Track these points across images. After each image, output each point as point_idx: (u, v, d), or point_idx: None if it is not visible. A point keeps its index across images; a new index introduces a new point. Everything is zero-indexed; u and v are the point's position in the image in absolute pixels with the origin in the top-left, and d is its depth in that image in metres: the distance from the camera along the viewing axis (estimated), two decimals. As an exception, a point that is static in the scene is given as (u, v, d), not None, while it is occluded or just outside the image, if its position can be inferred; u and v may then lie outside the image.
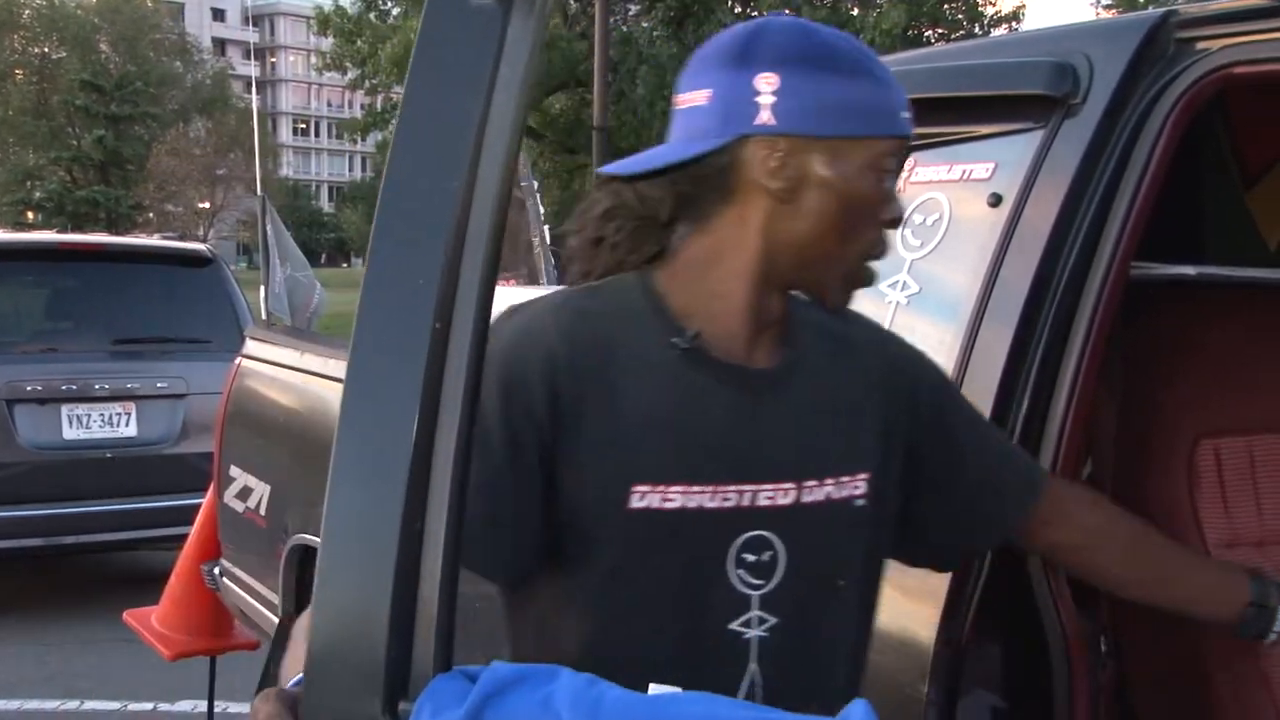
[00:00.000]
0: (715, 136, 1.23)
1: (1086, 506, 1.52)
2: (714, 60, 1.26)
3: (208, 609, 3.73)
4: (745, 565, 1.24)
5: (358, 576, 1.04)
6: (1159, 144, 1.71)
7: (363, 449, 1.05)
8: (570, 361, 1.24)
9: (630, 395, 1.24)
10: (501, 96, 1.03)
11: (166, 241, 7.79)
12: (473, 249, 1.02)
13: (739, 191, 1.25)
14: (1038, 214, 1.78)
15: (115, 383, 5.90)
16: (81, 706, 4.77)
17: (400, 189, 1.06)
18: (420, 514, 1.01)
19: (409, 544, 1.01)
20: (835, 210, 1.24)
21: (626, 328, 1.27)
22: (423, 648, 1.01)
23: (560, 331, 1.25)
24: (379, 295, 1.05)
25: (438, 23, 1.06)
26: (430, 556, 1.01)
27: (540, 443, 1.22)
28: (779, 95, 1.22)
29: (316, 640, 1.05)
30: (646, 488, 1.22)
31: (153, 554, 6.19)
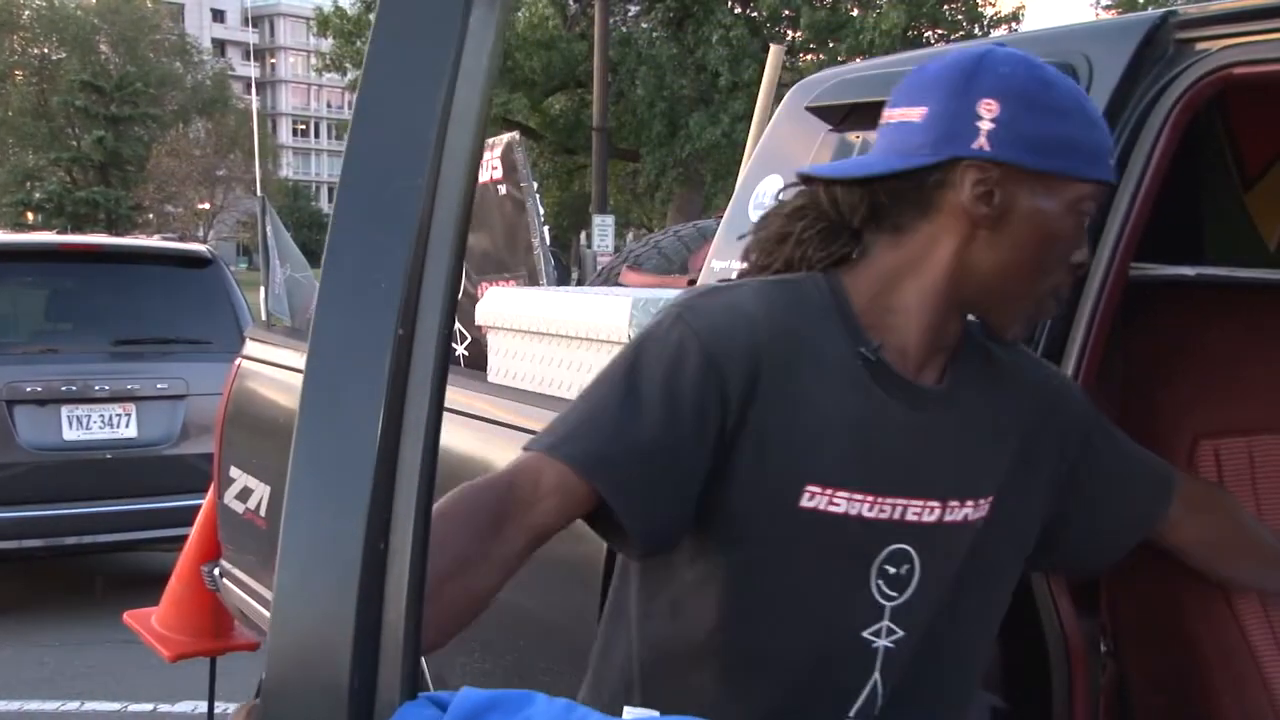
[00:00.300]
0: (929, 154, 1.24)
1: (1214, 503, 1.61)
2: (935, 80, 1.27)
3: (208, 610, 3.72)
4: (885, 576, 1.27)
5: (318, 599, 0.98)
6: (1158, 145, 1.71)
7: (321, 463, 0.99)
8: (772, 348, 1.25)
9: (816, 395, 1.26)
10: (465, 90, 0.99)
11: (166, 242, 7.77)
12: (437, 251, 0.98)
13: (941, 211, 1.26)
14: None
15: (115, 384, 5.90)
16: (82, 707, 4.76)
17: (358, 189, 1.01)
18: (384, 532, 0.96)
19: (372, 564, 0.96)
20: (1034, 245, 1.25)
21: (816, 326, 1.28)
22: (388, 674, 0.96)
23: (766, 317, 1.27)
24: (338, 300, 1.00)
25: (395, 12, 1.02)
26: (395, 577, 0.96)
27: (725, 421, 1.23)
28: (998, 123, 1.22)
29: (273, 667, 0.99)
30: (818, 489, 1.24)
31: (153, 555, 6.19)
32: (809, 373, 1.26)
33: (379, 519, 0.96)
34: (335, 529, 0.97)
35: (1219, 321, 1.97)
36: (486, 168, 3.45)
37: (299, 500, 0.99)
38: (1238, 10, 1.72)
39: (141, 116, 43.11)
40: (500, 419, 2.53)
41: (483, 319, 2.82)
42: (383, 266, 0.98)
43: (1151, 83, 1.74)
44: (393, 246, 0.98)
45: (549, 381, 2.51)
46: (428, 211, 0.98)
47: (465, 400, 2.66)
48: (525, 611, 2.32)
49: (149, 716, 4.67)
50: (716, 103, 20.09)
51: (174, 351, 6.18)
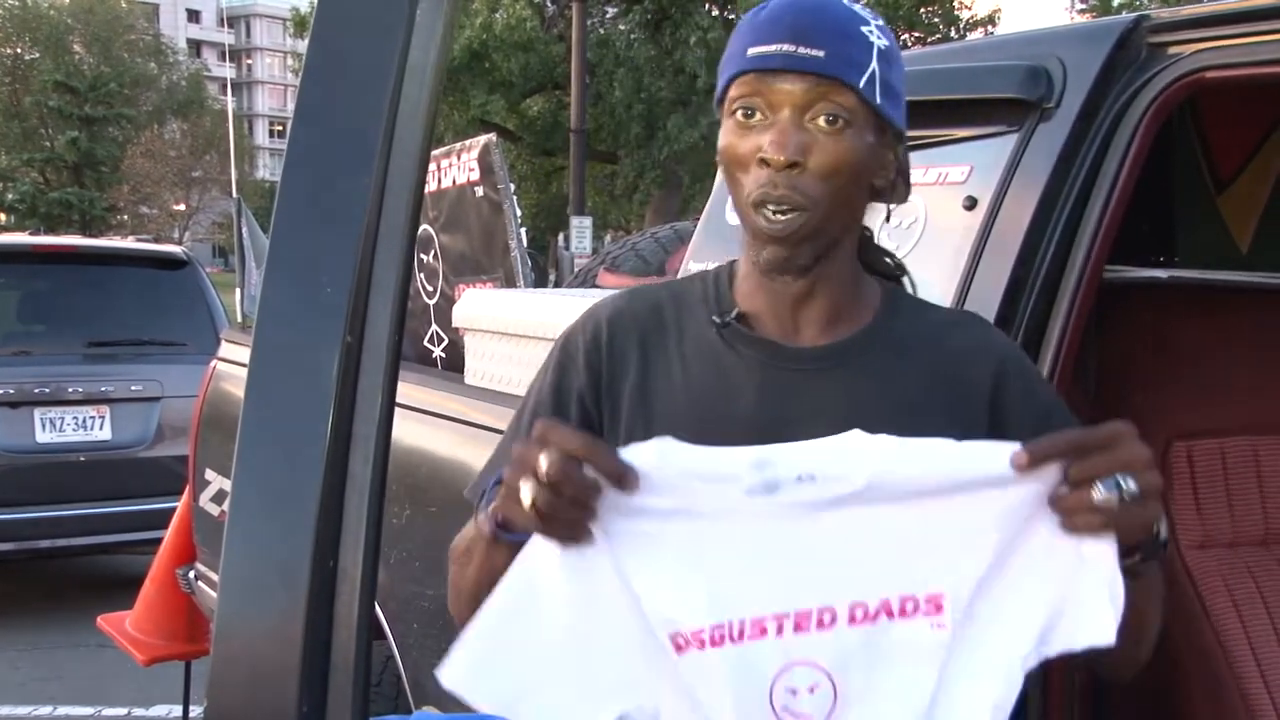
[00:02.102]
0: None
1: None
2: None
3: (183, 613, 3.70)
4: None
5: (263, 620, 0.94)
6: (1132, 147, 1.72)
7: (266, 478, 0.95)
8: (610, 341, 1.29)
9: (664, 373, 1.27)
10: (412, 86, 0.96)
11: (141, 244, 7.73)
12: (386, 253, 0.95)
13: None
14: (1012, 217, 1.79)
15: (89, 385, 5.86)
16: (55, 712, 4.73)
17: (300, 191, 0.97)
18: (333, 550, 0.92)
19: (321, 583, 0.92)
20: (723, 165, 1.27)
21: (682, 311, 1.31)
22: (338, 700, 0.93)
23: (611, 311, 1.31)
24: (281, 307, 0.96)
25: (335, 8, 0.98)
26: (345, 597, 0.93)
27: (583, 416, 1.28)
28: None
29: (215, 692, 0.95)
30: None
31: (127, 558, 6.15)
32: (661, 355, 1.29)
33: (327, 536, 0.92)
34: (281, 547, 0.93)
35: (1192, 323, 1.98)
36: (463, 169, 3.44)
37: (241, 517, 0.95)
38: (1209, 15, 1.74)
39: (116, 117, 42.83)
40: (477, 421, 2.52)
41: (459, 321, 2.81)
42: (328, 271, 0.94)
43: (1125, 86, 1.76)
44: (339, 250, 0.94)
45: (525, 383, 2.50)
46: (375, 213, 0.94)
47: (442, 402, 2.66)
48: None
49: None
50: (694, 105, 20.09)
51: (149, 353, 6.14)
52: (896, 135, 1.28)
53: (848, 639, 1.11)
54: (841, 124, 1.21)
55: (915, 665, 1.11)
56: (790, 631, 1.11)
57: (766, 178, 1.21)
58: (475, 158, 3.38)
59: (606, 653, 1.11)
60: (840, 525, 1.10)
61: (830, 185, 1.22)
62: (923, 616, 1.10)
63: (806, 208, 1.21)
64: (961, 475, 1.09)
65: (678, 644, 1.11)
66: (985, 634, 1.11)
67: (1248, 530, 1.92)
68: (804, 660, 1.11)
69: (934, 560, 1.10)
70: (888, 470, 1.09)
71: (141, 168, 40.99)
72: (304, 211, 0.98)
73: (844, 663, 1.11)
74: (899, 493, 1.09)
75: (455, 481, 2.59)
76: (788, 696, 1.11)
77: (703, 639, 1.10)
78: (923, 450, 1.10)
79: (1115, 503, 1.05)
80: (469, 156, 3.41)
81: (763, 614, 1.11)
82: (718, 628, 1.11)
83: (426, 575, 2.57)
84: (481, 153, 3.36)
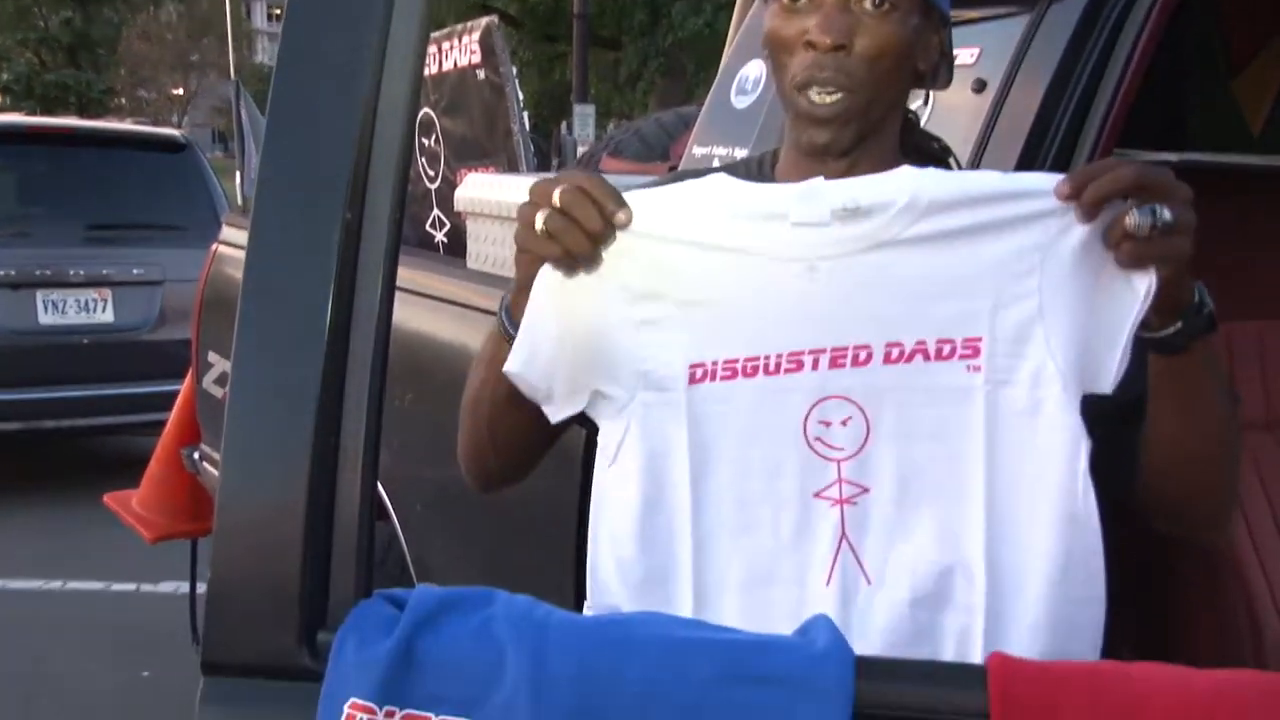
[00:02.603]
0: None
1: None
2: None
3: (188, 492, 3.74)
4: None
5: (267, 497, 0.94)
6: (1145, 29, 1.69)
7: (267, 357, 0.94)
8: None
9: None
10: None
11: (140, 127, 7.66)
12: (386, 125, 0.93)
13: None
14: (1022, 100, 1.76)
15: (90, 268, 5.85)
16: (65, 586, 4.81)
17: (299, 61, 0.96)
18: (335, 427, 0.92)
19: (323, 460, 0.92)
20: (771, 54, 1.28)
21: None
22: (341, 572, 0.93)
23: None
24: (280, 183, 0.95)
25: None
26: (347, 473, 0.93)
27: None
28: None
29: (219, 568, 0.96)
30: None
31: (131, 439, 6.20)
32: None
33: (329, 413, 0.92)
34: (283, 424, 0.93)
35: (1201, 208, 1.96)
36: (465, 52, 3.39)
37: (244, 395, 0.95)
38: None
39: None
40: (479, 305, 2.52)
41: (461, 205, 2.79)
42: (327, 147, 0.93)
43: (1141, -35, 1.72)
44: (338, 122, 0.93)
45: (528, 267, 2.49)
46: (375, 82, 0.93)
47: (445, 287, 2.65)
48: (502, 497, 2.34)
49: (132, 596, 4.72)
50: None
51: (149, 237, 6.12)
52: (942, 18, 1.28)
53: (883, 377, 1.13)
54: (888, 6, 1.22)
55: (949, 405, 1.12)
56: (825, 366, 1.13)
57: (812, 60, 1.22)
58: (477, 40, 3.32)
59: (597, 354, 1.16)
60: (881, 267, 1.12)
61: (876, 68, 1.22)
62: (959, 359, 1.12)
63: (852, 89, 1.22)
64: (1004, 205, 1.10)
65: (693, 375, 1.14)
66: (1034, 383, 1.11)
67: (1250, 413, 1.93)
68: (838, 394, 1.13)
69: (973, 305, 1.11)
70: (929, 193, 1.11)
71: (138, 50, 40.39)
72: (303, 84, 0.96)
73: (878, 399, 1.13)
74: (941, 229, 1.11)
75: (458, 365, 2.59)
76: (820, 428, 1.14)
77: (735, 368, 1.14)
78: (966, 176, 1.14)
79: (1147, 228, 1.05)
80: (470, 39, 3.35)
81: (800, 349, 1.13)
82: (752, 359, 1.14)
83: (430, 458, 2.59)
84: (483, 35, 3.30)
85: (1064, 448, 1.12)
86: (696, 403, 1.15)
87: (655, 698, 0.89)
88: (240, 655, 0.95)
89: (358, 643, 0.91)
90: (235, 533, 0.96)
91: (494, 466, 1.36)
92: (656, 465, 1.16)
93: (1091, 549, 1.13)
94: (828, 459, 1.14)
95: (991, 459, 1.12)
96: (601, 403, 1.18)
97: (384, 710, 0.90)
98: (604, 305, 1.15)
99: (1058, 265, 1.10)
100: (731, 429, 1.14)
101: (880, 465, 1.13)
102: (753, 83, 2.41)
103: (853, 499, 1.14)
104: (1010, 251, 1.10)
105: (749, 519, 1.15)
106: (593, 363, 1.16)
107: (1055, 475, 1.12)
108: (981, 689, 0.87)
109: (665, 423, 1.15)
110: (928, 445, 1.13)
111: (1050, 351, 1.11)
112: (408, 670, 0.90)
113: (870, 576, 1.13)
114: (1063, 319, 1.11)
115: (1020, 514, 1.12)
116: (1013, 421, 1.12)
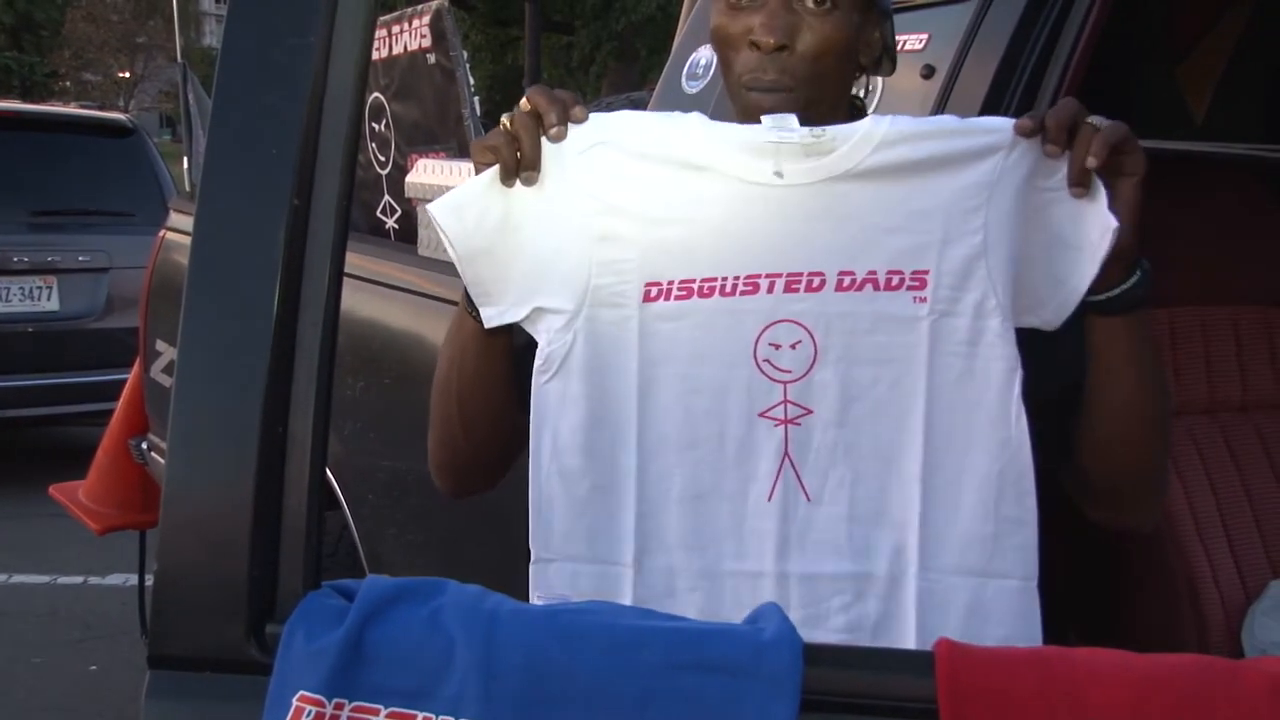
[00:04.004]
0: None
1: None
2: None
3: (135, 483, 3.70)
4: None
5: (213, 486, 0.94)
6: (1090, 14, 1.70)
7: (213, 344, 0.94)
8: None
9: None
10: None
11: (85, 110, 7.54)
12: (333, 114, 0.93)
13: None
14: (970, 85, 1.77)
15: (35, 255, 5.76)
16: (10, 580, 4.75)
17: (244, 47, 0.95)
18: (283, 415, 0.92)
19: (271, 450, 0.91)
20: (716, 49, 1.30)
21: None
22: (290, 564, 0.93)
23: None
24: (226, 169, 0.94)
25: None
26: (295, 463, 0.92)
27: None
28: None
29: (165, 560, 0.95)
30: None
31: (79, 429, 6.12)
32: None
33: (276, 401, 0.92)
34: (230, 412, 0.92)
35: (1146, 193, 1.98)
36: (415, 36, 3.36)
37: (190, 383, 0.94)
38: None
39: (54, -21, 41.42)
40: (431, 292, 2.50)
41: (412, 191, 2.77)
42: (274, 132, 0.92)
43: (1087, -50, 1.73)
44: (284, 110, 0.92)
45: (479, 253, 2.48)
46: (322, 71, 0.92)
47: (396, 274, 2.63)
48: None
49: (79, 588, 4.66)
50: (652, -25, 19.70)
51: (95, 223, 6.04)
52: (883, 12, 1.31)
53: (833, 303, 1.17)
54: (829, 5, 1.24)
55: (894, 334, 1.17)
56: (780, 290, 1.17)
57: (756, 61, 1.25)
58: (427, 24, 3.30)
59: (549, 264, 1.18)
60: (839, 197, 1.16)
61: (818, 66, 1.25)
62: (906, 290, 1.17)
63: (794, 88, 1.24)
64: (958, 140, 1.16)
65: (648, 293, 1.18)
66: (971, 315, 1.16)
67: (1193, 399, 1.95)
68: (789, 318, 1.17)
69: (923, 239, 1.16)
70: (887, 128, 1.15)
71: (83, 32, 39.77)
72: (249, 71, 0.95)
73: (827, 324, 1.17)
74: (897, 160, 1.15)
75: (409, 353, 2.58)
76: (770, 350, 1.18)
77: (691, 288, 1.18)
78: (924, 119, 1.19)
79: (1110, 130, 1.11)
80: (420, 23, 3.32)
81: (757, 273, 1.17)
82: (709, 280, 1.18)
83: (381, 446, 2.57)
84: (433, 18, 3.28)
85: (1001, 376, 1.17)
86: (649, 320, 1.18)
87: (604, 687, 0.89)
88: (187, 648, 0.94)
89: (306, 635, 0.90)
90: (182, 524, 0.95)
91: (466, 458, 1.35)
92: (604, 379, 1.19)
93: (1023, 470, 1.18)
94: (775, 380, 1.18)
95: (932, 384, 1.17)
96: (546, 317, 1.20)
97: (333, 702, 0.89)
98: (567, 211, 1.17)
99: (1003, 202, 1.15)
100: (682, 346, 1.18)
101: (825, 388, 1.18)
102: (703, 68, 2.41)
103: (796, 419, 1.18)
104: (960, 188, 1.15)
105: (695, 434, 1.19)
106: (542, 271, 1.18)
107: (992, 400, 1.17)
108: (929, 675, 0.88)
109: (615, 337, 1.19)
110: (871, 369, 1.18)
111: (992, 284, 1.16)
112: (356, 662, 0.90)
113: (810, 494, 1.18)
114: (1005, 254, 1.15)
115: (956, 437, 1.17)
116: (953, 349, 1.17)
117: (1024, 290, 1.17)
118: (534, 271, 1.18)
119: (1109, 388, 1.21)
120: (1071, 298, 1.16)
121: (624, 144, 1.17)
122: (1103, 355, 1.20)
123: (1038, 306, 1.18)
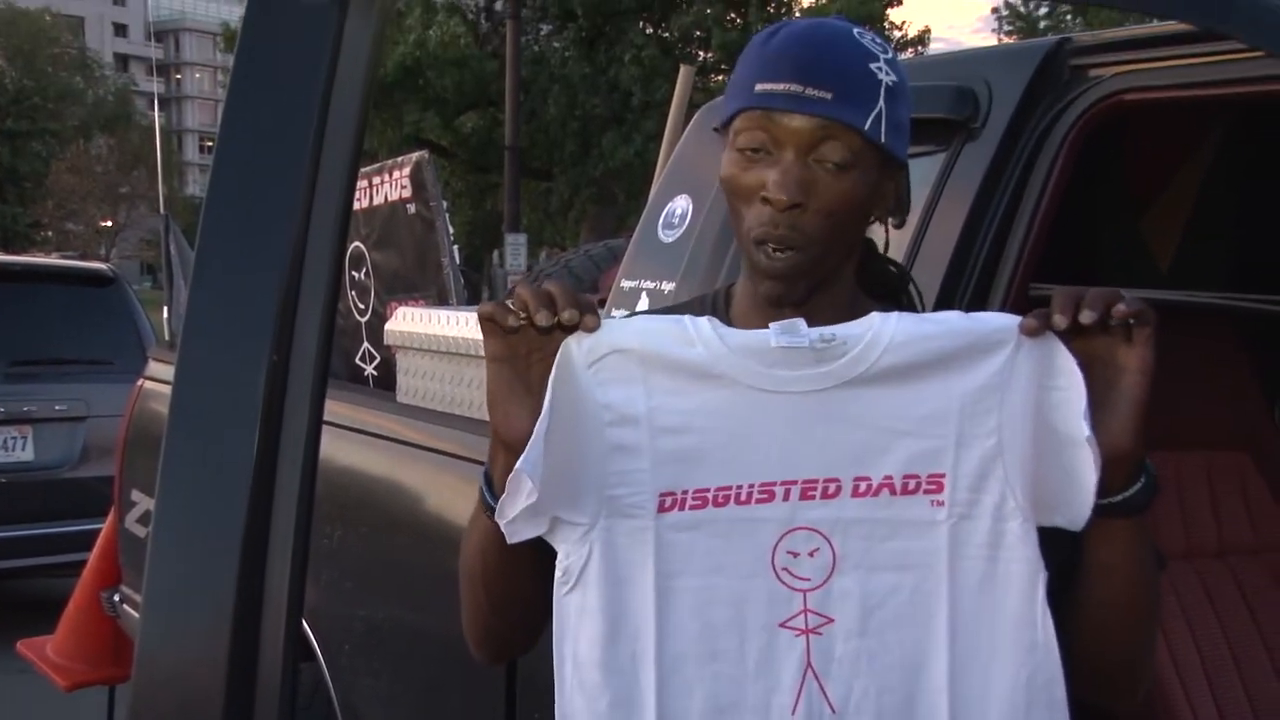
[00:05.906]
0: None
1: None
2: None
3: (107, 637, 3.63)
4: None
5: (188, 644, 0.93)
6: (1055, 167, 1.75)
7: (190, 499, 0.94)
8: None
9: None
10: (340, 101, 0.95)
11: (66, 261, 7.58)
12: (313, 271, 0.94)
13: None
14: (941, 235, 1.81)
15: (10, 405, 5.73)
16: (-26, 739, 4.62)
17: (227, 206, 0.96)
18: (259, 571, 0.92)
19: (247, 604, 0.91)
20: (725, 194, 1.27)
21: None
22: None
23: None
24: (206, 325, 0.95)
25: (263, 24, 0.97)
26: (271, 619, 0.92)
27: None
28: None
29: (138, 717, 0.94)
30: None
31: (49, 581, 6.01)
32: None
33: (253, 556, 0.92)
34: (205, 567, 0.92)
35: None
36: (396, 186, 3.43)
37: (166, 537, 0.94)
38: (1127, 39, 1.77)
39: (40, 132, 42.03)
40: (409, 439, 2.50)
41: (391, 339, 2.80)
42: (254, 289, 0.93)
43: (1048, 107, 1.79)
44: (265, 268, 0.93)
45: (458, 401, 2.49)
46: (302, 229, 0.94)
47: (374, 421, 2.63)
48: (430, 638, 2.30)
49: (45, 748, 4.53)
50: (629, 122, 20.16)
51: (74, 372, 6.02)
52: (900, 164, 1.28)
53: (850, 510, 1.16)
54: (847, 165, 1.21)
55: (913, 538, 1.15)
56: (796, 498, 1.16)
57: (768, 216, 1.22)
58: (408, 175, 3.37)
59: (564, 476, 1.16)
60: (851, 403, 1.15)
61: (831, 223, 1.22)
62: (923, 494, 1.15)
63: (805, 246, 1.22)
64: (966, 341, 1.15)
65: (663, 503, 1.16)
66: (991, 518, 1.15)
67: (1169, 545, 1.95)
68: (807, 525, 1.16)
69: (937, 442, 1.15)
70: (893, 331, 1.15)
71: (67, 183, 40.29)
72: (231, 229, 0.97)
73: (844, 531, 1.16)
74: (906, 363, 1.15)
75: (388, 500, 2.57)
76: (788, 559, 1.16)
77: (706, 497, 1.16)
78: (930, 316, 1.19)
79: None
80: (401, 174, 3.39)
81: (772, 480, 1.16)
82: (724, 489, 1.16)
83: (358, 596, 2.54)
84: (414, 170, 3.35)
85: (1024, 578, 1.15)
86: (664, 530, 1.16)
87: None
88: (160, 812, 0.92)
89: None
90: (155, 682, 0.94)
91: (499, 633, 1.32)
92: (620, 591, 1.17)
93: (1053, 677, 1.15)
94: (794, 589, 1.16)
95: (954, 590, 1.15)
96: (563, 528, 1.18)
97: None
98: (581, 422, 1.16)
99: (1015, 402, 1.14)
100: (698, 556, 1.16)
101: (845, 596, 1.16)
102: (679, 217, 2.45)
103: (818, 629, 1.16)
104: (972, 389, 1.14)
105: (714, 647, 1.16)
106: (559, 483, 1.16)
107: (1016, 604, 1.15)
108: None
109: (631, 549, 1.17)
110: (892, 576, 1.16)
111: (1010, 486, 1.15)
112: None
113: (835, 705, 1.15)
114: (1020, 454, 1.14)
115: (981, 643, 1.15)
116: (974, 553, 1.16)
117: (1045, 489, 1.15)
118: (551, 483, 1.15)
119: (1102, 583, 1.19)
120: (1090, 498, 1.14)
121: (635, 353, 1.16)
122: (1099, 551, 1.18)
123: (1062, 506, 1.15)
